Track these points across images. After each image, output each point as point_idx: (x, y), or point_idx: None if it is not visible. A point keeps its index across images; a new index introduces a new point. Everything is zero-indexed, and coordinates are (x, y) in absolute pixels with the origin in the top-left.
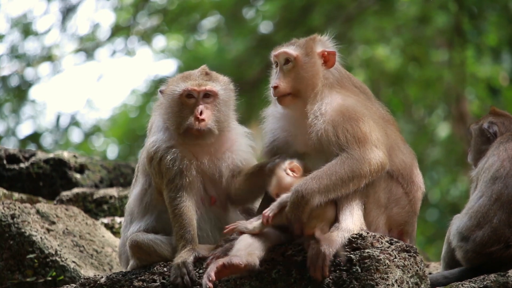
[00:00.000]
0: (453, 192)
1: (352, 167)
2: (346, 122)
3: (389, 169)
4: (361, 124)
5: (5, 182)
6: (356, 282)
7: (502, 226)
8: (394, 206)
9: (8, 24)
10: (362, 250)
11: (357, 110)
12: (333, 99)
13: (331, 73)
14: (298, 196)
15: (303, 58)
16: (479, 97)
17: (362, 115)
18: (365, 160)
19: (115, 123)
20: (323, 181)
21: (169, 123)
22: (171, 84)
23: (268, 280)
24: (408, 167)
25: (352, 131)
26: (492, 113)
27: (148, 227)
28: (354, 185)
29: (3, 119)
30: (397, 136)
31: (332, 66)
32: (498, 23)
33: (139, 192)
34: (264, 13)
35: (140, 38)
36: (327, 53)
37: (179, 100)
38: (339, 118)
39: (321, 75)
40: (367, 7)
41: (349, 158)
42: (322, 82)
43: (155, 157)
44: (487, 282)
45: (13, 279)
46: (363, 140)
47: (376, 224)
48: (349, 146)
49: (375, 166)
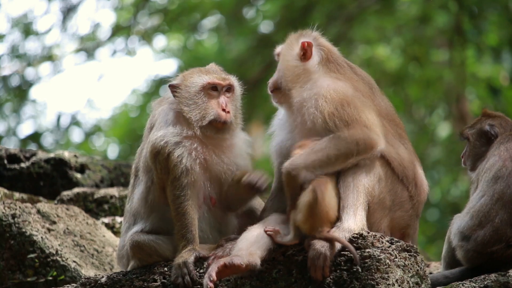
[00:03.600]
0: (454, 192)
1: (338, 145)
2: (331, 106)
3: (393, 166)
4: (346, 107)
5: (6, 182)
6: (357, 281)
7: (504, 225)
8: (398, 209)
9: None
10: (363, 250)
11: (343, 91)
12: (317, 83)
13: (313, 62)
14: (285, 173)
15: (283, 52)
16: (480, 97)
17: (348, 96)
18: (352, 140)
19: (116, 123)
20: (309, 157)
21: (191, 114)
22: (189, 77)
23: (269, 280)
24: (407, 164)
25: (338, 114)
26: (486, 115)
27: (154, 226)
28: (340, 163)
29: (4, 119)
30: (396, 131)
31: (310, 57)
32: (499, 23)
33: (143, 191)
34: (265, 12)
35: (140, 38)
36: (307, 44)
37: (202, 92)
38: (324, 103)
39: (297, 65)
40: (368, 6)
41: (335, 137)
42: (300, 71)
43: (163, 152)
44: (487, 281)
45: (14, 279)
46: (351, 122)
47: (378, 225)
48: (337, 129)
49: (362, 146)
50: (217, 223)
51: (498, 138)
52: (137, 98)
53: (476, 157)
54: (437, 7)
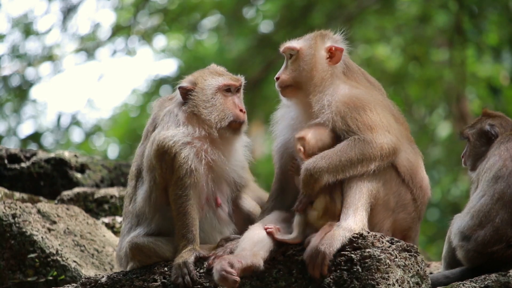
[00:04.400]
0: (454, 192)
1: (363, 149)
2: (354, 111)
3: (399, 171)
4: (369, 112)
5: (6, 182)
6: (357, 281)
7: (504, 225)
8: (401, 211)
9: (9, 24)
10: (363, 250)
11: (364, 98)
12: (338, 90)
13: (338, 68)
14: (307, 175)
15: (306, 50)
16: (480, 97)
17: (369, 102)
18: (377, 144)
19: (116, 122)
20: (332, 161)
21: (211, 117)
22: (203, 80)
23: (269, 280)
24: (415, 168)
25: (361, 119)
26: (486, 115)
27: (158, 227)
28: (363, 167)
29: (4, 118)
30: (406, 135)
31: (337, 62)
32: (499, 22)
33: (147, 190)
34: (265, 12)
35: (140, 37)
36: (334, 49)
37: (218, 93)
38: (346, 108)
39: (325, 69)
40: (368, 6)
41: (360, 140)
42: (326, 75)
43: (169, 152)
44: (488, 281)
45: (14, 279)
46: (374, 126)
47: (380, 226)
48: (360, 131)
49: (386, 150)
50: (220, 224)
51: (498, 138)
52: (137, 98)
53: (477, 157)
54: (437, 6)
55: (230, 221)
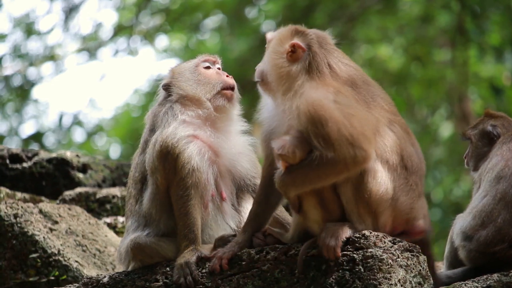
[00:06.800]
0: (456, 192)
1: (326, 167)
2: (314, 126)
3: (388, 163)
4: (329, 124)
5: (8, 182)
6: (359, 281)
7: (506, 225)
8: (400, 195)
9: (11, 23)
10: (365, 250)
11: (323, 104)
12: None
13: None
14: (277, 187)
15: (273, 42)
16: (482, 97)
17: (328, 109)
18: (340, 161)
19: (118, 122)
20: (298, 177)
21: (198, 91)
22: (178, 67)
23: (271, 280)
24: (400, 149)
25: (321, 133)
26: (488, 116)
27: (166, 228)
28: (332, 180)
29: (6, 118)
30: (383, 117)
31: (296, 60)
32: (501, 23)
33: (151, 192)
34: (267, 12)
35: (142, 37)
36: (296, 46)
37: (198, 69)
38: (307, 122)
39: (285, 67)
40: (370, 6)
41: (323, 158)
42: (284, 72)
43: (172, 152)
44: (490, 281)
45: (16, 279)
46: (334, 141)
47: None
48: (323, 148)
49: (351, 164)
50: (225, 219)
51: (500, 138)
52: (139, 98)
53: (479, 157)
54: (440, 6)
55: (236, 213)
